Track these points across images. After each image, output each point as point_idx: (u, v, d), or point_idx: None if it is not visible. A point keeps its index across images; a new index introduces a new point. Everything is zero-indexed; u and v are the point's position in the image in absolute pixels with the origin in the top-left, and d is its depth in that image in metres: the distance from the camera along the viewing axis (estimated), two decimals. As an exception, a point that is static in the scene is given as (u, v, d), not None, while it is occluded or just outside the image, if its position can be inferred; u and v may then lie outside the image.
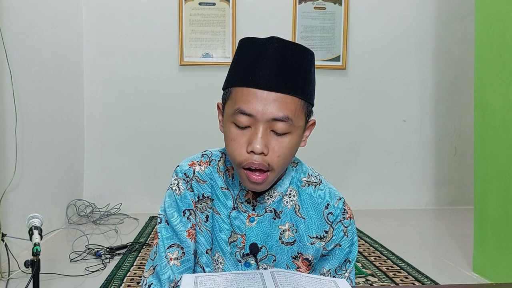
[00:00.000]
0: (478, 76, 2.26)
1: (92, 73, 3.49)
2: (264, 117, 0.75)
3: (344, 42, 3.61)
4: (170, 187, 0.92)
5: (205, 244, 0.92)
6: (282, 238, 0.90)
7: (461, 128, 3.82)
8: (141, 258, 2.43)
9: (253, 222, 0.89)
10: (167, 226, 0.91)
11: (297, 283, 0.78)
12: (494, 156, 2.13)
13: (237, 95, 0.77)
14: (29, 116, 2.53)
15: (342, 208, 0.91)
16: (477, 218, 2.26)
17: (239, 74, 0.78)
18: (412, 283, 2.13)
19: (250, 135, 0.77)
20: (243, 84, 0.76)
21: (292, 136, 0.79)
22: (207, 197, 0.91)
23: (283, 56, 0.76)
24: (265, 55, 0.76)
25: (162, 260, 0.89)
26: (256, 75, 0.75)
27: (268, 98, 0.75)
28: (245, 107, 0.76)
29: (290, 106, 0.76)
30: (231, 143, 0.79)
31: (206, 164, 0.92)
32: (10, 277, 2.03)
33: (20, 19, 2.45)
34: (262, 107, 0.75)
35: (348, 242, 0.92)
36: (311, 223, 0.91)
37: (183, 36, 3.49)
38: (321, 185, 0.92)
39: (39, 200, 2.68)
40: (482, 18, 2.22)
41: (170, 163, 3.44)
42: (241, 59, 0.79)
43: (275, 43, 0.76)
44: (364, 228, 3.03)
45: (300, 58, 0.77)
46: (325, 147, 3.60)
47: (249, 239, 0.89)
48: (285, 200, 0.91)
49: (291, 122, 0.77)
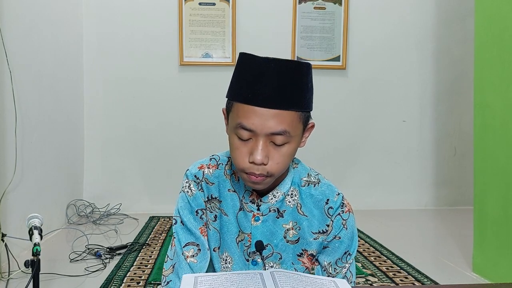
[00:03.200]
0: (478, 76, 2.25)
1: (92, 73, 3.49)
2: (263, 131, 0.82)
3: (344, 42, 3.61)
4: (182, 189, 0.99)
5: (213, 242, 0.99)
6: (287, 237, 0.96)
7: (461, 128, 3.82)
8: (141, 258, 2.43)
9: (258, 221, 0.95)
10: (182, 226, 0.98)
11: (297, 283, 0.78)
12: (494, 156, 2.13)
13: (238, 110, 0.83)
14: (29, 116, 2.53)
15: (341, 202, 0.96)
16: (477, 218, 2.26)
17: (240, 90, 0.84)
18: (412, 283, 2.13)
19: (251, 146, 0.84)
20: (244, 101, 0.82)
21: (290, 144, 0.85)
22: (215, 198, 0.98)
23: (280, 75, 0.81)
24: (264, 75, 0.81)
25: (179, 257, 0.96)
26: (255, 93, 0.81)
27: (267, 114, 0.81)
28: (245, 123, 0.82)
29: (287, 120, 0.82)
30: (235, 151, 0.86)
31: (214, 167, 0.99)
32: (10, 277, 2.03)
33: (20, 19, 2.45)
34: (262, 122, 0.81)
35: (347, 235, 0.97)
36: (313, 219, 0.96)
37: (183, 36, 3.49)
38: (320, 184, 0.98)
39: (39, 200, 2.68)
40: (482, 18, 2.22)
41: (170, 163, 3.48)
42: (242, 76, 0.85)
43: (272, 63, 0.81)
44: (364, 228, 3.03)
45: (296, 74, 0.82)
46: (325, 147, 3.60)
47: (254, 237, 0.95)
48: (287, 200, 0.96)
49: (288, 134, 0.83)
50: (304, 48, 3.59)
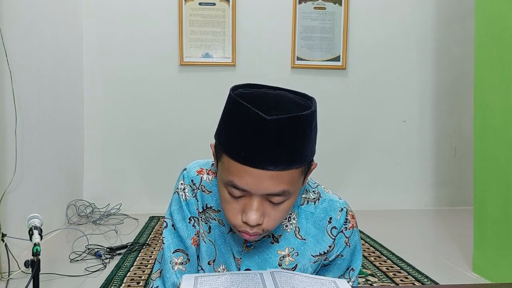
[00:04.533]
0: (478, 76, 2.25)
1: (92, 73, 3.49)
2: (259, 192, 0.71)
3: (344, 42, 3.61)
4: (176, 190, 0.91)
5: (207, 255, 0.90)
6: (282, 264, 0.88)
7: (461, 128, 3.82)
8: (141, 258, 2.43)
9: (250, 247, 0.87)
10: (173, 231, 0.90)
11: (297, 284, 0.78)
12: (494, 156, 2.13)
13: (229, 166, 0.72)
14: (29, 116, 2.53)
15: (345, 219, 0.88)
16: (477, 218, 2.26)
17: (231, 144, 0.71)
18: (412, 283, 2.13)
19: (244, 204, 0.73)
20: (236, 160, 0.70)
21: (289, 200, 0.75)
22: (211, 208, 0.89)
23: (278, 134, 0.68)
24: (259, 134, 0.68)
25: (167, 265, 0.89)
26: (250, 154, 0.69)
27: (263, 175, 0.69)
28: (238, 182, 0.71)
29: (287, 179, 0.71)
30: (225, 204, 0.76)
31: (214, 174, 0.89)
32: (10, 277, 2.03)
33: (20, 19, 2.45)
34: (257, 183, 0.70)
35: (349, 252, 0.90)
36: (313, 241, 0.88)
37: (183, 36, 3.49)
38: (320, 199, 0.89)
39: (39, 200, 2.68)
40: (482, 18, 2.22)
41: (170, 163, 3.48)
42: (233, 126, 0.71)
43: (270, 124, 0.67)
44: (364, 228, 3.03)
45: (298, 129, 0.70)
46: (325, 148, 3.59)
47: (244, 264, 0.87)
48: (285, 224, 0.87)
49: (287, 193, 0.73)
50: (304, 48, 3.59)
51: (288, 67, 3.60)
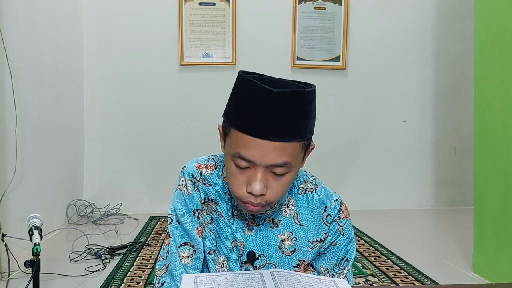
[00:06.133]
0: (478, 76, 2.25)
1: (92, 73, 3.49)
2: (263, 163, 0.78)
3: (344, 42, 3.61)
4: (178, 187, 0.95)
5: (209, 245, 0.95)
6: (282, 247, 0.93)
7: (461, 128, 3.82)
8: (141, 258, 2.43)
9: (252, 231, 0.93)
10: (178, 225, 0.94)
11: (297, 283, 0.78)
12: (494, 156, 2.13)
13: (237, 139, 0.79)
14: (29, 116, 2.53)
15: (339, 209, 0.94)
16: (477, 218, 2.26)
17: (239, 118, 0.78)
18: (412, 283, 2.13)
19: (249, 175, 0.80)
20: (243, 131, 0.77)
21: (290, 173, 0.81)
22: (211, 200, 0.94)
23: (283, 107, 0.76)
24: (266, 106, 0.75)
25: (174, 258, 0.92)
26: (256, 125, 0.76)
27: (267, 146, 0.76)
28: (245, 154, 0.78)
29: (289, 151, 0.78)
30: (231, 178, 0.82)
31: (212, 168, 0.95)
32: (10, 277, 2.03)
33: (20, 19, 2.45)
34: (262, 154, 0.77)
35: (344, 241, 0.94)
36: (310, 228, 0.94)
37: (183, 36, 3.49)
38: (317, 190, 0.95)
39: (39, 200, 2.68)
40: (482, 18, 2.22)
41: (170, 163, 3.48)
42: (241, 102, 0.79)
43: (276, 96, 0.75)
44: (364, 228, 3.03)
45: (301, 104, 0.77)
46: (325, 147, 3.59)
47: (247, 247, 0.92)
48: (284, 210, 0.94)
49: (289, 165, 0.79)
50: (304, 48, 3.59)
51: (288, 67, 3.60)
